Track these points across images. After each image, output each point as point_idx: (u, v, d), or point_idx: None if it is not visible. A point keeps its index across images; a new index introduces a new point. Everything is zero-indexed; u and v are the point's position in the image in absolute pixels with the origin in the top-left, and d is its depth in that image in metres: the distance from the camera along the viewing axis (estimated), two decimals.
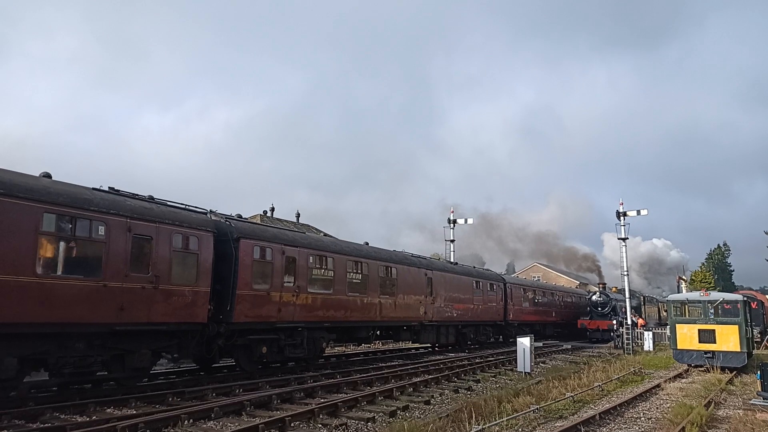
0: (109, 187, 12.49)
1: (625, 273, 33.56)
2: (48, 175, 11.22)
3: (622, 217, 32.32)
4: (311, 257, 17.08)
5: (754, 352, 23.85)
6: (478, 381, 16.00)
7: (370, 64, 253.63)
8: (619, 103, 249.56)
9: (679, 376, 18.13)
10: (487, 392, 13.82)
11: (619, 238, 32.95)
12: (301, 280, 16.39)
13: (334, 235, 28.68)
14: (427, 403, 12.31)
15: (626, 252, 33.31)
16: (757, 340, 29.81)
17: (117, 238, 11.49)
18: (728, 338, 19.00)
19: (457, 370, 17.31)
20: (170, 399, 11.37)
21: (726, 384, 16.14)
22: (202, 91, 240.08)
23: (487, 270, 34.91)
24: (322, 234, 30.05)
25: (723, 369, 18.55)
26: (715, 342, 19.16)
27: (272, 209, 33.95)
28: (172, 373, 15.56)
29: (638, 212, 32.44)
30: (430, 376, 15.53)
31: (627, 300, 33.33)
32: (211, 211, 15.12)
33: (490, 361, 20.50)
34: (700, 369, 19.21)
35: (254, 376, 14.92)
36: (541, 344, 26.97)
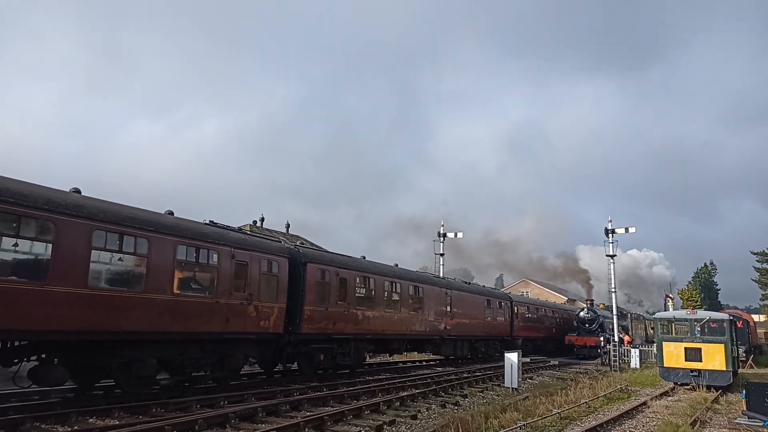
0: (210, 221, 14.83)
1: (613, 290, 33.66)
2: (171, 213, 13.50)
3: (610, 234, 32.49)
4: (357, 278, 19.55)
5: (739, 371, 24.02)
6: (465, 396, 15.91)
7: (360, 77, 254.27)
8: (605, 121, 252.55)
9: (666, 393, 18.23)
10: (474, 408, 13.74)
11: (607, 255, 33.09)
12: (350, 297, 18.92)
13: (323, 246, 28.65)
14: (414, 417, 12.19)
15: (614, 269, 33.44)
16: (742, 359, 30.01)
17: (225, 263, 14.04)
18: (714, 357, 19.17)
19: (445, 384, 17.23)
20: (154, 410, 11.26)
21: (712, 402, 16.27)
22: (192, 100, 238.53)
23: (495, 288, 36.99)
24: (305, 243, 29.97)
25: (709, 387, 18.68)
26: (701, 360, 19.32)
27: (262, 219, 33.93)
28: (245, 375, 17.52)
29: (627, 230, 32.71)
30: (418, 391, 15.46)
31: (614, 317, 33.38)
32: (281, 239, 17.71)
33: (478, 376, 20.45)
34: (686, 387, 19.33)
35: (313, 379, 17.26)
36: (528, 360, 27.02)
